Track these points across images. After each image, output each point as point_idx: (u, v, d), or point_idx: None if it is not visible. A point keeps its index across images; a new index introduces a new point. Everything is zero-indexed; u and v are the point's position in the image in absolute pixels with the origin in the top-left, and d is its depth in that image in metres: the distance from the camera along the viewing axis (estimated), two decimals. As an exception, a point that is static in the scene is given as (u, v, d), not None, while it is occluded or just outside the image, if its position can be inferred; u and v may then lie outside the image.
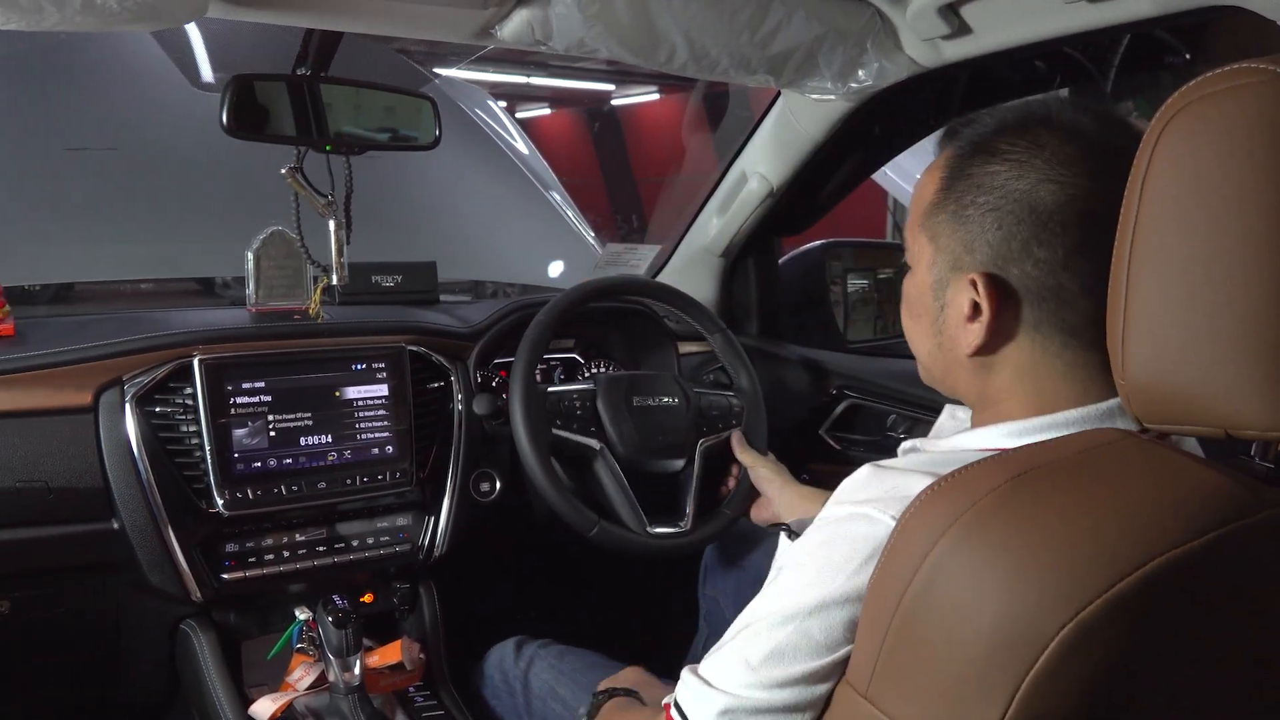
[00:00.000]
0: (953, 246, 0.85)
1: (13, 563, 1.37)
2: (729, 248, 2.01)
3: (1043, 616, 0.63)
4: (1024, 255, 0.81)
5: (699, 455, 1.61)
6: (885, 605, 0.71)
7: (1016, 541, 0.66)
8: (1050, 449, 0.74)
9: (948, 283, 0.86)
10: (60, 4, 0.96)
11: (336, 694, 1.36)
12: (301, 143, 1.42)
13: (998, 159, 0.82)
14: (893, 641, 0.70)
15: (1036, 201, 0.80)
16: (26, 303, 1.99)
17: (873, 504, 0.80)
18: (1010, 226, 0.81)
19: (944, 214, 0.85)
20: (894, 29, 1.42)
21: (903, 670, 0.70)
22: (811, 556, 0.82)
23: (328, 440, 1.49)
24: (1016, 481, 0.68)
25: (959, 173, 0.84)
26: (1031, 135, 0.81)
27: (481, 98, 3.70)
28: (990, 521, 0.67)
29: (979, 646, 0.65)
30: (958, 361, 0.88)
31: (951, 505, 0.69)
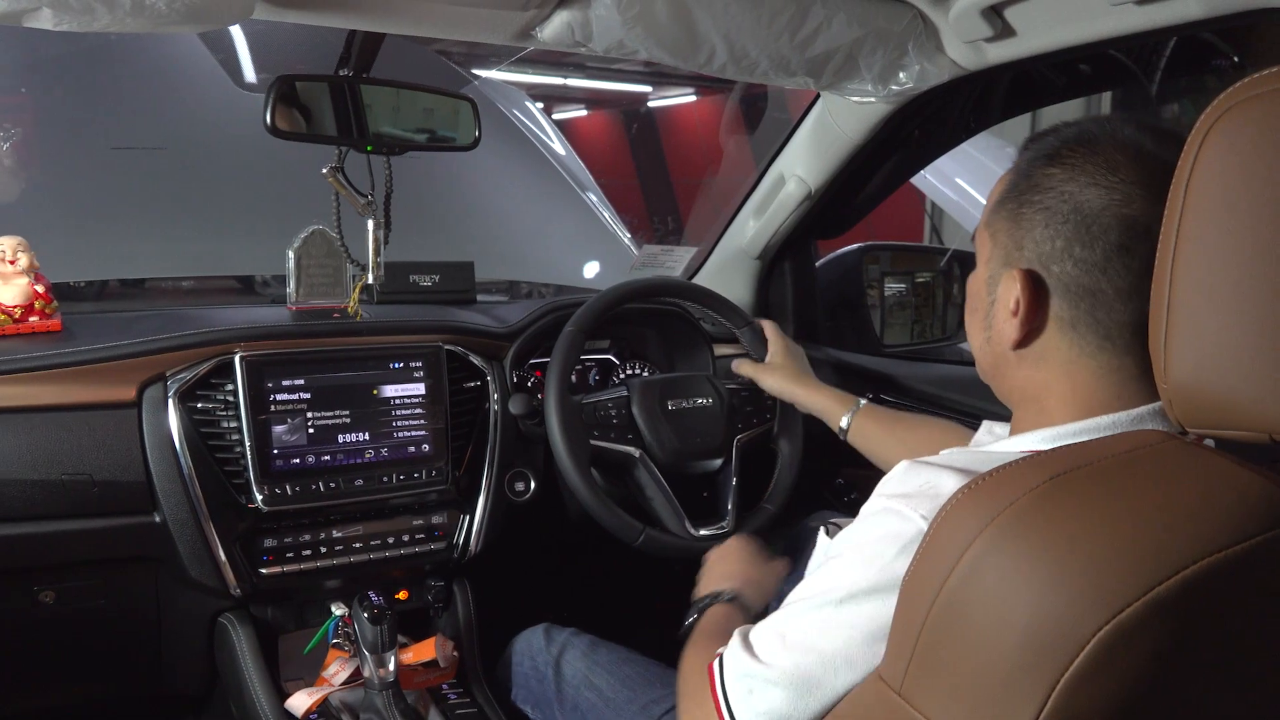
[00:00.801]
0: (1006, 244, 0.89)
1: (58, 554, 1.39)
2: (765, 250, 2.01)
3: (1080, 617, 0.63)
4: (1065, 255, 0.84)
5: (736, 452, 1.62)
6: (920, 602, 0.71)
7: (1054, 542, 0.66)
8: (1090, 450, 0.74)
9: (999, 279, 0.89)
10: (111, 5, 0.98)
11: (371, 689, 1.37)
12: (342, 143, 1.44)
13: (1056, 164, 0.85)
14: (927, 639, 0.70)
15: (1082, 204, 0.83)
16: (72, 299, 2.02)
17: (904, 499, 0.83)
18: (1056, 226, 0.84)
19: (1004, 213, 0.89)
20: (936, 31, 1.41)
21: (937, 668, 0.70)
22: (847, 548, 0.87)
23: (365, 438, 1.50)
24: (1055, 482, 0.68)
25: (1024, 176, 0.88)
26: (1090, 145, 0.84)
27: (519, 99, 3.72)
28: (1028, 521, 0.67)
29: (1014, 646, 0.65)
30: (1003, 355, 0.91)
31: (989, 504, 0.68)
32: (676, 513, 1.53)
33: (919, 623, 0.71)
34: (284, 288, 1.70)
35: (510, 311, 1.80)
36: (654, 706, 1.30)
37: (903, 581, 0.75)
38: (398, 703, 1.36)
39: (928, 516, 0.78)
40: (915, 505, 0.81)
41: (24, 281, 1.50)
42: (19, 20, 0.97)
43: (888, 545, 0.82)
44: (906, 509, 0.82)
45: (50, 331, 1.51)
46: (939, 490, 0.81)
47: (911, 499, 0.82)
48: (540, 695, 1.45)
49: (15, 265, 1.49)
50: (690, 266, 2.13)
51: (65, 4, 0.96)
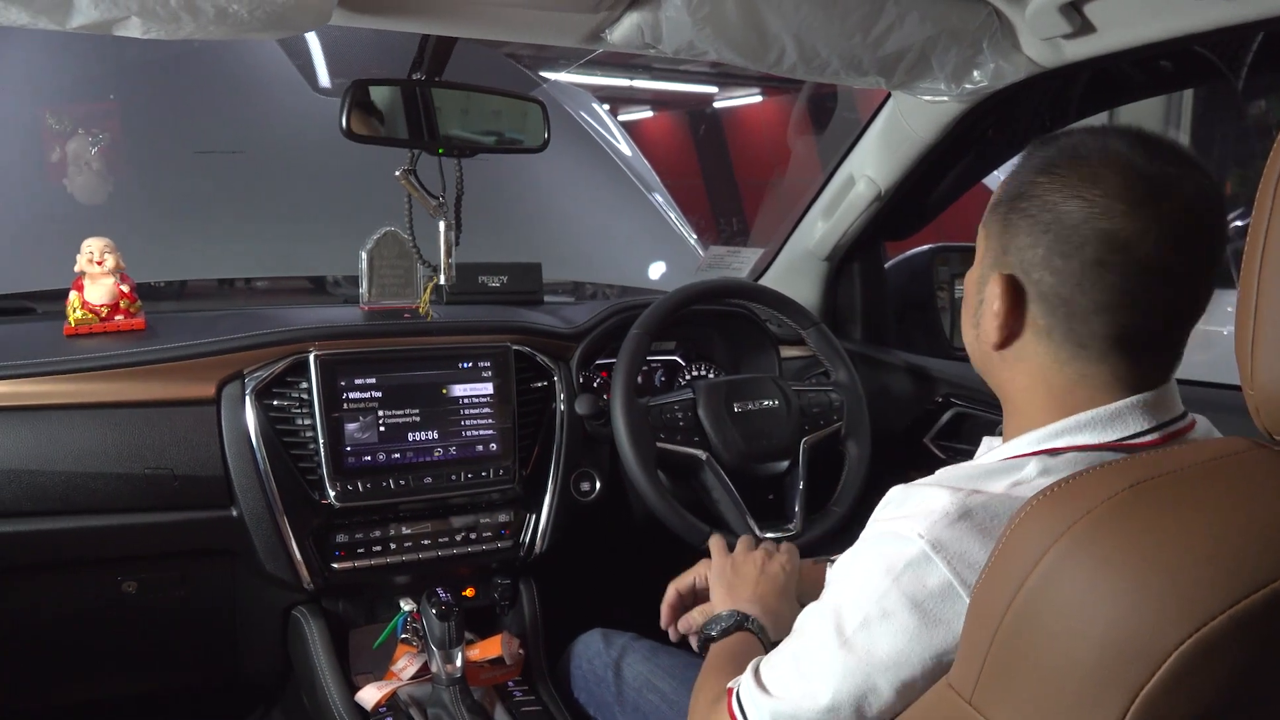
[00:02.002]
0: (995, 247, 0.89)
1: (140, 546, 1.44)
2: (834, 251, 1.99)
3: (1160, 630, 0.61)
4: (1044, 264, 0.84)
5: (803, 453, 1.60)
6: (992, 610, 0.69)
7: (1134, 551, 0.64)
8: (1171, 457, 0.72)
9: (987, 279, 0.90)
10: (195, 13, 1.00)
11: (438, 685, 1.39)
12: (414, 145, 1.46)
13: (1046, 174, 0.86)
14: (999, 648, 0.69)
15: (1063, 215, 0.83)
16: (154, 298, 2.08)
17: (900, 520, 0.83)
18: (1038, 234, 0.84)
19: (997, 216, 0.90)
20: (1012, 28, 1.38)
21: (1010, 678, 0.69)
22: (846, 579, 0.87)
23: (434, 436, 1.53)
24: (1135, 490, 0.66)
25: (1019, 184, 0.88)
26: (1078, 157, 0.85)
27: (586, 100, 3.73)
28: (1106, 529, 0.65)
29: (1091, 658, 0.64)
30: (987, 354, 0.92)
31: (1064, 511, 0.67)
32: (743, 515, 1.52)
33: (991, 631, 0.69)
34: (355, 288, 1.74)
35: (577, 312, 1.81)
36: None
37: (974, 589, 0.74)
38: (464, 699, 1.38)
39: (924, 534, 0.80)
40: (912, 525, 0.81)
41: (110, 281, 1.55)
42: (109, 29, 1.00)
43: (889, 567, 0.82)
44: (903, 529, 0.82)
45: (134, 330, 1.56)
46: (931, 506, 0.81)
47: (908, 519, 0.82)
48: (600, 698, 1.45)
49: (102, 266, 1.54)
50: (757, 268, 2.12)
51: (153, 12, 0.99)
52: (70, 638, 1.56)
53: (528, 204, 2.99)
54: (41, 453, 1.34)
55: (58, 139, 2.49)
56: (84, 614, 1.52)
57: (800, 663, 0.89)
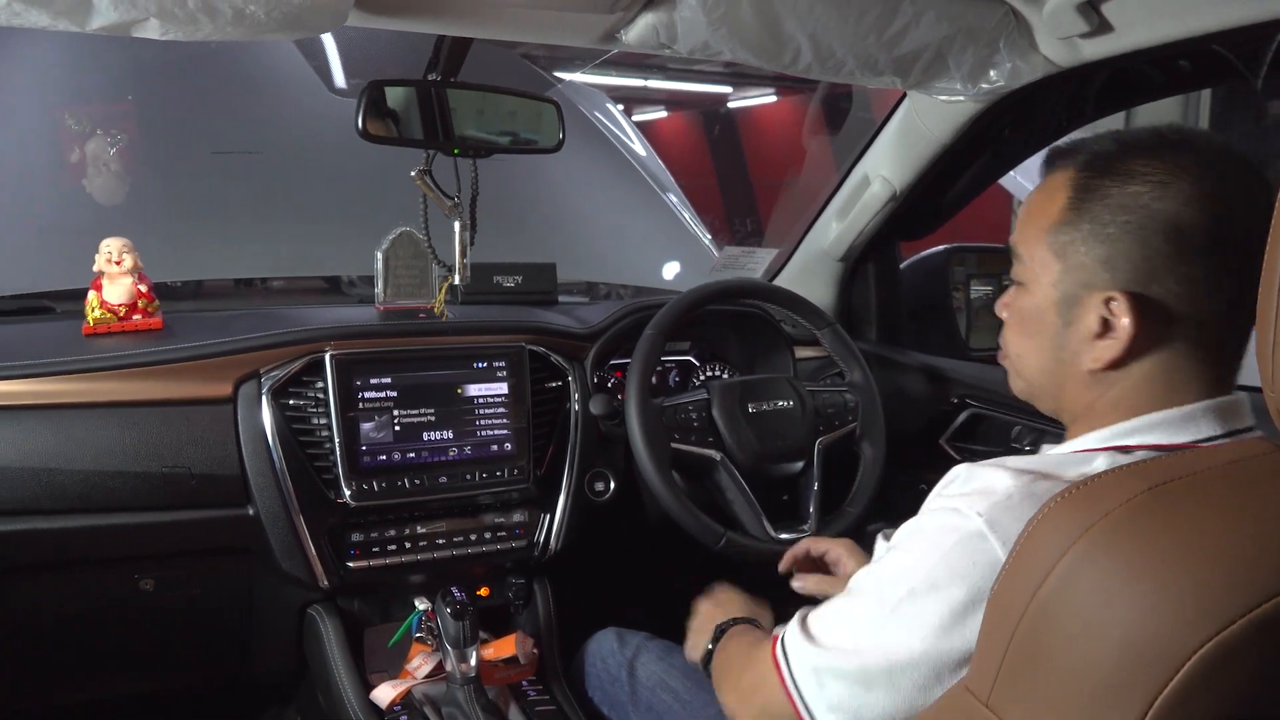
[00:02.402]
0: (1088, 264, 0.86)
1: (157, 544, 1.45)
2: (849, 252, 1.98)
3: (1179, 634, 0.61)
4: (1166, 273, 0.83)
5: (818, 454, 1.60)
6: (1009, 612, 0.69)
7: (1153, 554, 0.64)
8: (1189, 460, 0.72)
9: (1076, 300, 0.88)
10: (213, 14, 1.01)
11: (453, 684, 1.39)
12: (429, 146, 1.47)
13: (1138, 180, 0.84)
14: (1016, 650, 0.69)
15: (1182, 222, 0.82)
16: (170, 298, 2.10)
17: (960, 498, 0.84)
18: (1156, 244, 0.83)
19: (1078, 232, 0.87)
20: (1029, 27, 1.37)
21: (1027, 680, 0.69)
22: (905, 543, 0.88)
23: (449, 436, 1.53)
24: (1153, 492, 0.66)
25: (1093, 193, 0.86)
26: (1171, 158, 0.83)
27: (601, 101, 3.73)
28: (1125, 532, 0.65)
29: (1110, 661, 0.63)
30: (1074, 377, 0.90)
31: (1082, 513, 0.67)
32: (757, 516, 1.52)
33: (1008, 633, 0.69)
34: (370, 288, 1.74)
35: (591, 312, 1.82)
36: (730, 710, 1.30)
37: (991, 590, 0.74)
38: (479, 697, 1.38)
39: (983, 514, 0.81)
40: (971, 503, 0.82)
41: (128, 281, 1.56)
42: (127, 30, 1.01)
43: (943, 540, 0.83)
44: (964, 506, 0.82)
45: (152, 329, 1.57)
46: (994, 487, 0.82)
47: (968, 497, 0.83)
48: (614, 697, 1.46)
49: (121, 265, 1.55)
50: (771, 268, 2.12)
51: (171, 14, 1.00)
52: (88, 635, 1.57)
53: (542, 204, 2.99)
54: (60, 451, 1.35)
55: (77, 140, 2.50)
56: (102, 611, 1.53)
57: (845, 620, 0.90)
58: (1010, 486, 0.81)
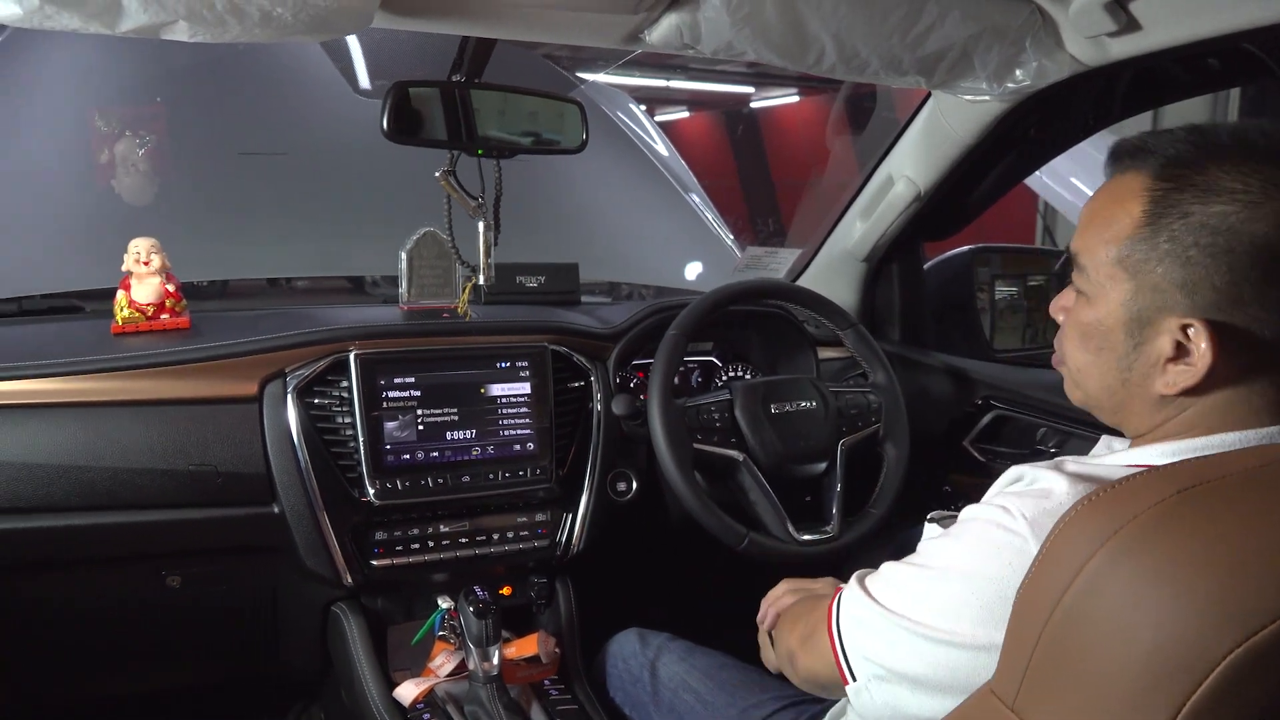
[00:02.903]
0: (1164, 287, 0.81)
1: (184, 541, 1.46)
2: (872, 252, 1.98)
3: (1210, 638, 0.60)
4: (1253, 300, 0.78)
5: (841, 455, 1.60)
6: (1035, 615, 0.69)
7: (1182, 558, 0.63)
8: (1218, 464, 0.71)
9: (1149, 321, 0.83)
10: (241, 16, 1.02)
11: (475, 682, 1.40)
12: (453, 147, 1.47)
13: (1225, 197, 0.77)
14: (1043, 653, 0.68)
15: (1275, 245, 0.76)
16: (196, 298, 2.12)
17: (1012, 498, 0.83)
18: (1244, 270, 0.77)
19: (1154, 251, 0.81)
20: (1055, 26, 1.36)
21: (1053, 684, 0.68)
22: (956, 531, 0.89)
23: (472, 435, 1.54)
24: (1182, 496, 0.65)
25: (1171, 207, 0.80)
26: (1262, 171, 0.77)
27: (623, 101, 3.73)
28: (1153, 535, 0.64)
29: (1138, 666, 0.63)
30: (1143, 399, 0.86)
31: (1110, 517, 0.66)
32: (780, 517, 1.52)
33: (1034, 637, 0.69)
34: (393, 288, 1.75)
35: (614, 313, 1.82)
36: (753, 711, 1.30)
37: (1016, 593, 0.73)
38: (501, 696, 1.38)
39: (1029, 518, 0.80)
40: (1020, 505, 0.81)
41: (156, 281, 1.58)
42: (156, 33, 1.02)
43: (986, 536, 0.83)
44: (1013, 506, 0.82)
45: (179, 329, 1.59)
46: (1048, 491, 0.81)
47: (1020, 497, 0.82)
48: (635, 698, 1.46)
49: (149, 265, 1.57)
50: (794, 269, 2.11)
51: (199, 16, 1.01)
52: (117, 630, 1.59)
53: (565, 204, 3.00)
54: (90, 449, 1.37)
55: (106, 141, 2.53)
56: (129, 608, 1.55)
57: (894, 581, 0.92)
58: (1063, 495, 0.79)
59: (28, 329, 1.70)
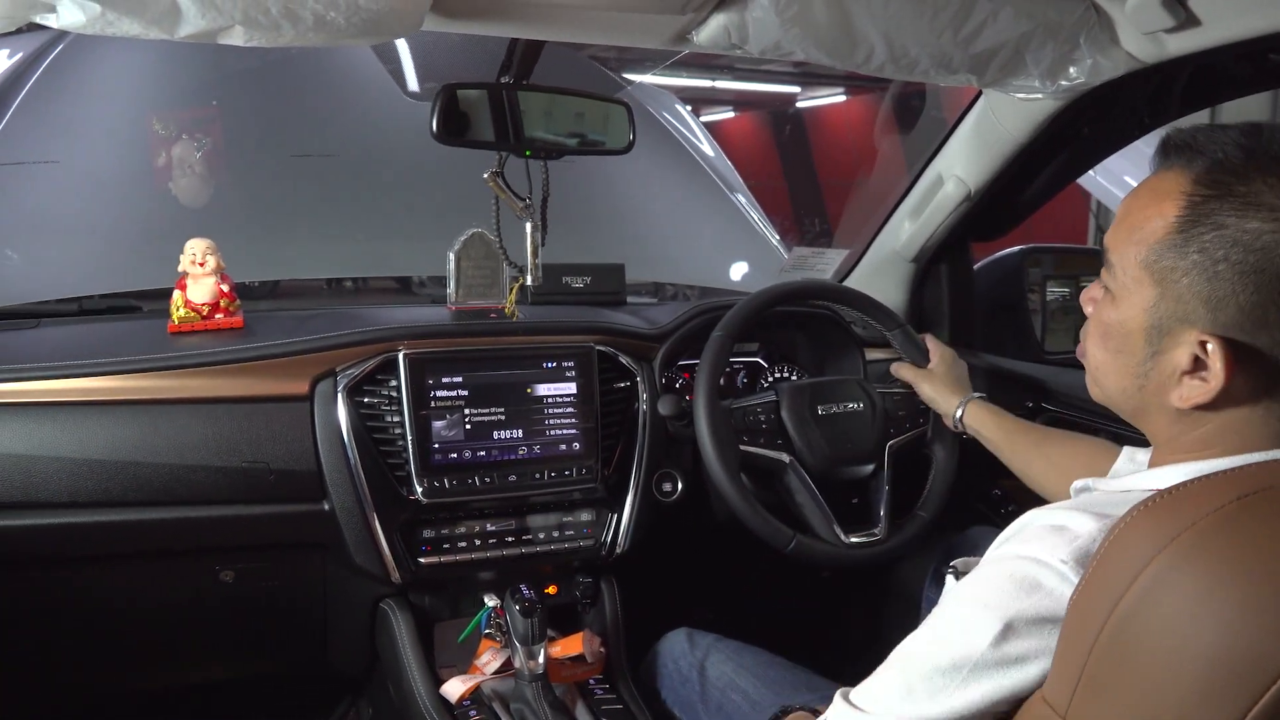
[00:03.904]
0: (1188, 298, 0.78)
1: (238, 536, 1.49)
2: (921, 253, 1.96)
3: (1271, 648, 0.59)
4: (1278, 325, 0.74)
5: (889, 457, 1.58)
6: (1089, 623, 0.68)
7: (1241, 565, 0.62)
8: (1277, 470, 0.69)
9: (1168, 331, 0.80)
10: (295, 21, 1.03)
11: (521, 680, 1.41)
12: (501, 148, 1.48)
13: (1264, 214, 0.74)
14: (1097, 662, 0.67)
15: None
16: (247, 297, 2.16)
17: (1038, 544, 0.78)
18: (1272, 293, 0.74)
19: (1183, 260, 0.78)
20: (1110, 22, 1.34)
21: (1108, 692, 0.67)
22: (974, 598, 0.81)
23: (519, 435, 1.54)
24: (1242, 502, 0.64)
25: (1206, 218, 0.77)
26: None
27: (669, 101, 3.73)
28: (1213, 542, 0.63)
29: (1196, 675, 0.62)
30: (1158, 408, 0.84)
31: (1168, 523, 0.65)
32: (827, 519, 1.51)
33: (1088, 645, 0.68)
34: (439, 288, 1.77)
35: (660, 313, 1.82)
36: None
37: (1070, 600, 0.72)
38: (546, 695, 1.39)
39: (1067, 560, 0.75)
40: (1053, 550, 0.76)
41: (211, 281, 1.61)
42: (214, 37, 1.04)
43: (1021, 592, 0.77)
44: (1043, 554, 0.77)
45: (233, 328, 1.62)
46: (1078, 534, 0.76)
47: (1046, 543, 0.78)
48: (685, 698, 1.46)
49: (204, 266, 1.60)
50: (841, 269, 2.10)
51: (255, 21, 1.02)
52: (170, 624, 1.62)
53: (611, 205, 3.01)
54: (146, 445, 1.40)
55: (164, 144, 2.59)
56: (184, 601, 1.58)
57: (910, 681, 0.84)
58: (1094, 531, 0.75)
59: (87, 328, 1.74)
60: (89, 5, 0.95)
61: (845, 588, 2.07)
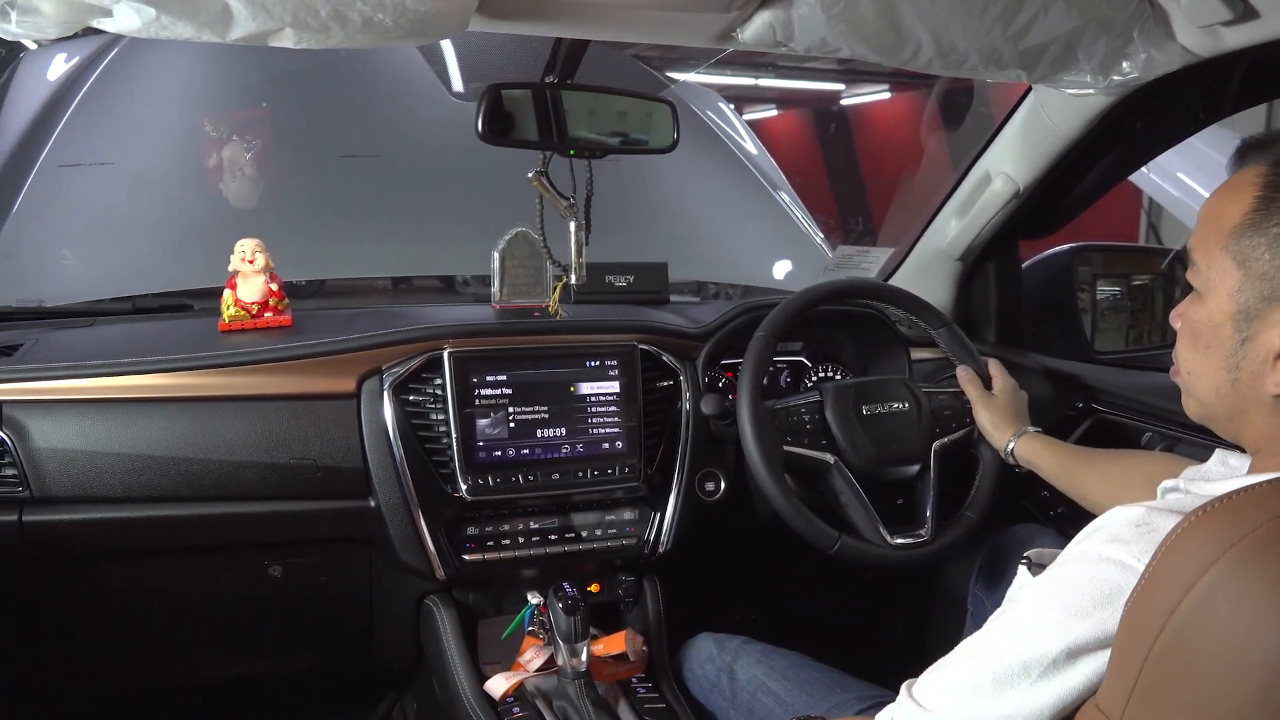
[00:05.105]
0: (1272, 274, 0.77)
1: (286, 532, 1.51)
2: (968, 251, 1.93)
3: None
4: None
5: (934, 457, 1.56)
6: (1145, 630, 0.66)
7: None
8: None
9: (1256, 314, 0.79)
10: (344, 23, 1.05)
11: (564, 678, 1.41)
12: (545, 147, 1.49)
13: None
14: (1152, 670, 0.66)
15: None
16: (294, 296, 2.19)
17: (1121, 545, 0.76)
18: None
19: (1262, 235, 0.78)
20: (1165, 15, 1.31)
21: (1163, 701, 0.66)
22: (1052, 599, 0.80)
23: (562, 433, 1.55)
24: None
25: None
26: None
27: (713, 100, 3.73)
28: (1272, 549, 0.62)
29: (1254, 685, 0.60)
30: (1256, 401, 0.82)
31: (1226, 529, 0.64)
32: (872, 520, 1.50)
33: (1143, 652, 0.66)
34: (483, 287, 1.77)
35: (703, 312, 1.81)
36: (835, 712, 1.28)
37: (1124, 606, 0.71)
38: (589, 692, 1.39)
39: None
40: (1139, 554, 0.74)
41: (261, 280, 1.63)
42: (265, 40, 1.05)
43: (1104, 595, 0.76)
44: (1127, 556, 0.75)
45: (282, 326, 1.64)
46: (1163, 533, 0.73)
47: (1133, 545, 0.76)
48: (714, 703, 1.46)
49: (254, 265, 1.62)
50: (886, 268, 2.08)
51: (304, 23, 1.04)
52: (220, 618, 1.65)
53: (654, 204, 3.01)
54: (197, 441, 1.42)
55: (215, 145, 2.63)
56: (233, 595, 1.61)
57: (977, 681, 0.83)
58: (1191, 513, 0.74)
59: (140, 326, 1.78)
60: (144, 9, 0.97)
61: (889, 589, 2.05)
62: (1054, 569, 0.82)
